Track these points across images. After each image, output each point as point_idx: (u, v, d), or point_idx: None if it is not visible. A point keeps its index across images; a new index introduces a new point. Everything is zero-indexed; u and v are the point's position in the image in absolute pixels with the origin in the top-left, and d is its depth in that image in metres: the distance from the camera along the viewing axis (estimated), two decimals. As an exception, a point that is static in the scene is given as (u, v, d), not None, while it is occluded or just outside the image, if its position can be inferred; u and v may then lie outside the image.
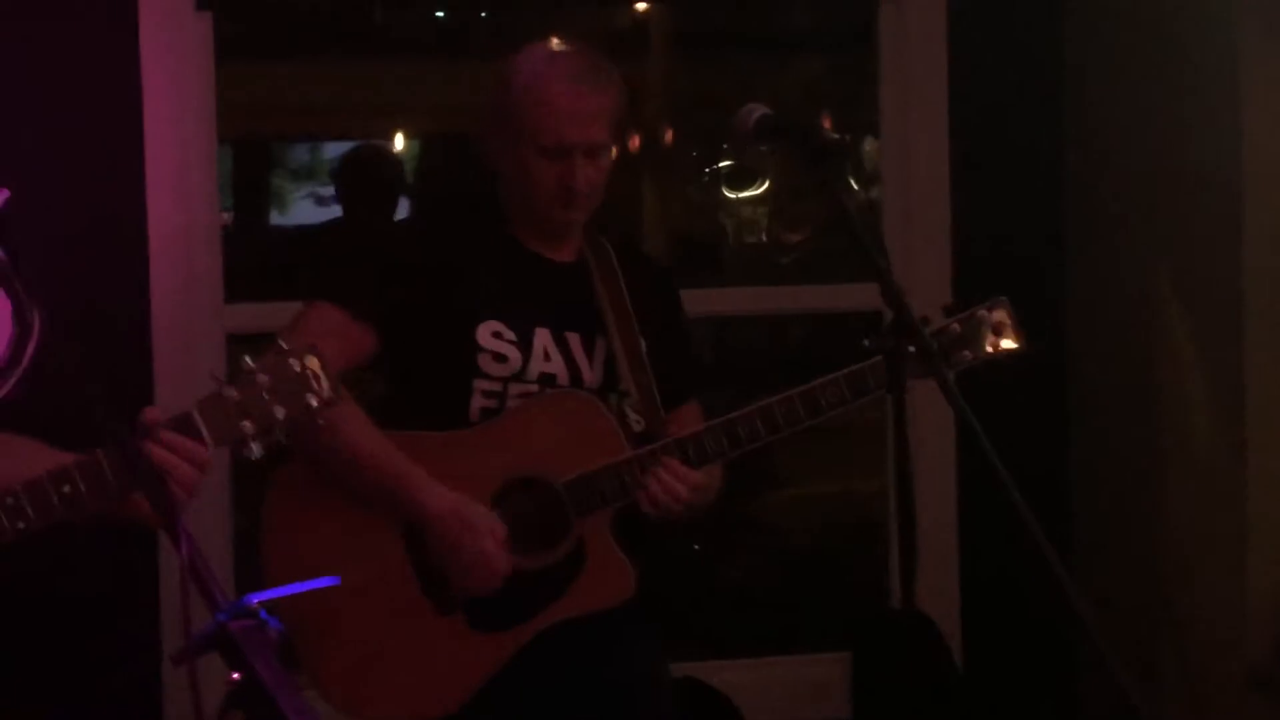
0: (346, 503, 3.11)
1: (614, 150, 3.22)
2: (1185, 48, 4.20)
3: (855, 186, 2.69)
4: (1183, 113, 4.24)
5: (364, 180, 5.77)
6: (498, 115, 3.18)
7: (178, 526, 1.94)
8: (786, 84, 6.33)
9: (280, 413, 2.42)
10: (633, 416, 3.23)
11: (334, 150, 6.78)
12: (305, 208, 7.11)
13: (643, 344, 3.24)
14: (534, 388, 3.18)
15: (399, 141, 7.76)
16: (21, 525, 2.35)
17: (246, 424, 2.41)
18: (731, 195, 7.22)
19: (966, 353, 3.21)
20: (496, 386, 3.16)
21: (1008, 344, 3.23)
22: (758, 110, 2.83)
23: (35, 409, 2.39)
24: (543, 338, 3.20)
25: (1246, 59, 4.00)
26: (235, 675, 1.87)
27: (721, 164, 7.32)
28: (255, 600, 1.88)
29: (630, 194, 6.10)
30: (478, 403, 3.16)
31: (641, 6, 5.99)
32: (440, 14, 6.25)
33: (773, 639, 4.95)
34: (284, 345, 2.46)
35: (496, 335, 3.16)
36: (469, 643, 3.12)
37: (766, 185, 7.11)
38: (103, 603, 4.05)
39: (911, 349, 2.68)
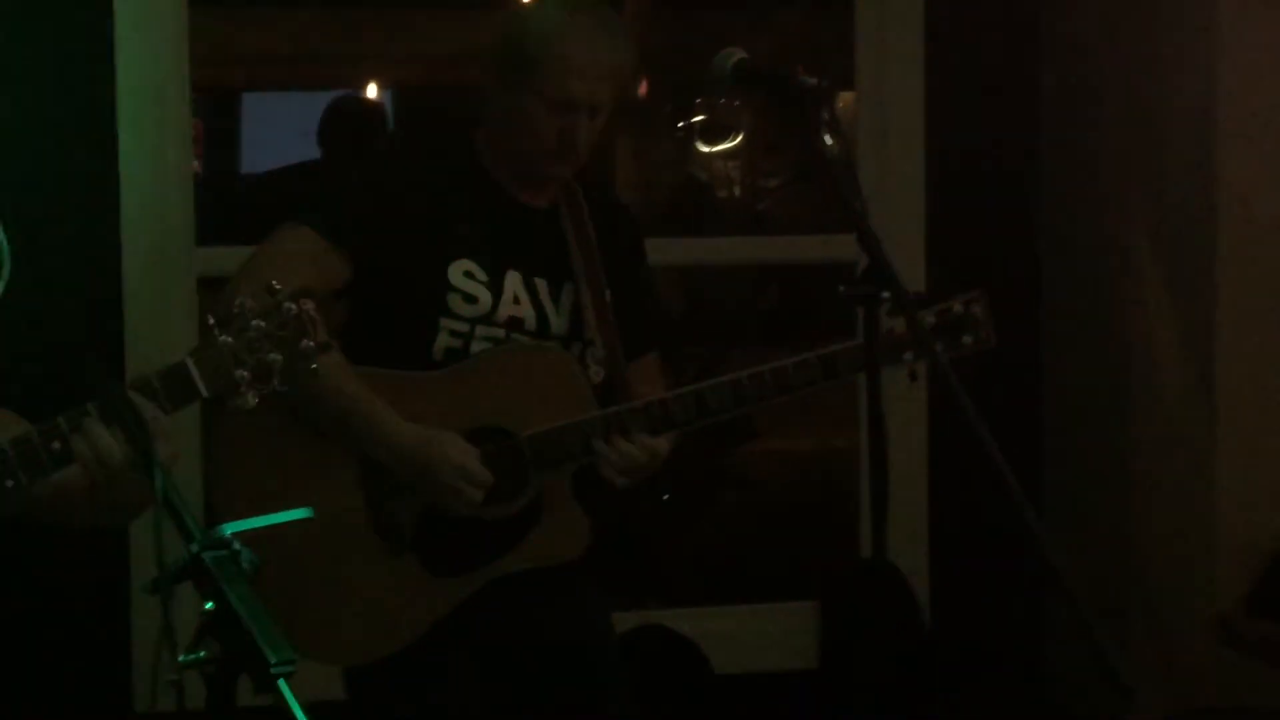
0: (298, 441, 3.08)
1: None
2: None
3: (830, 138, 2.66)
4: (1161, 67, 4.25)
5: (349, 130, 5.74)
6: (506, 61, 3.14)
7: (152, 457, 1.92)
8: (762, 39, 6.32)
9: (276, 359, 2.33)
10: (594, 367, 3.23)
11: (306, 99, 6.77)
12: (274, 154, 7.09)
13: (609, 295, 3.24)
14: (500, 331, 3.16)
15: (371, 91, 7.74)
16: (10, 483, 2.25)
17: (242, 372, 2.32)
18: (705, 149, 7.22)
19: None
20: (464, 327, 3.15)
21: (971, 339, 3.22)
22: (735, 54, 2.80)
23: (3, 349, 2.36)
24: (513, 281, 3.19)
25: (1225, 12, 4.01)
26: (209, 605, 1.86)
27: (696, 118, 7.31)
28: (229, 531, 1.88)
29: (605, 147, 6.10)
30: (443, 341, 3.14)
31: (619, -42, 5.97)
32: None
33: (743, 589, 4.96)
34: (276, 286, 2.41)
35: (468, 275, 3.15)
36: (420, 585, 3.11)
37: (740, 139, 7.11)
38: (69, 540, 4.03)
39: (885, 295, 2.67)
